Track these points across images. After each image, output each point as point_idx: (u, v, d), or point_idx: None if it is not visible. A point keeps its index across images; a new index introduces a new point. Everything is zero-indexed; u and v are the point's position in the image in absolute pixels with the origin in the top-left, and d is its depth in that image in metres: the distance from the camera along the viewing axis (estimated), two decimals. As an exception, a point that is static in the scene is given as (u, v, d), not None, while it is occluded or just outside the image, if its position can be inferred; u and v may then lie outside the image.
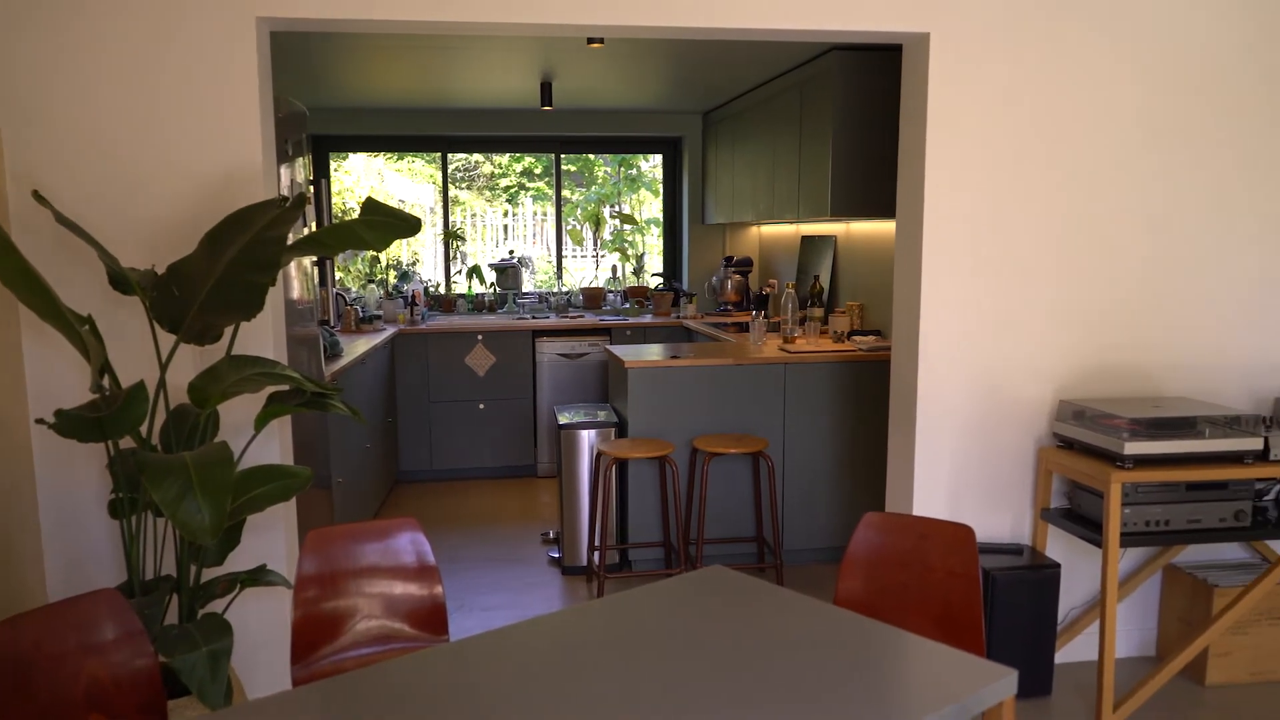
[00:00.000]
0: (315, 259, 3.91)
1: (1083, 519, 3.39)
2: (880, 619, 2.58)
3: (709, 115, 7.10)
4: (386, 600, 2.48)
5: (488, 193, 8.00)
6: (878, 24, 3.26)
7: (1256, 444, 3.16)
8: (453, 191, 7.57)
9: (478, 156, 7.90)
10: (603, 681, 1.77)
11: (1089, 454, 3.30)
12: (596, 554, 4.53)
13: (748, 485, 4.67)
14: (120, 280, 2.57)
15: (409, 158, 7.82)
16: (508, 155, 7.97)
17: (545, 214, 7.89)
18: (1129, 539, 3.18)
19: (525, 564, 4.87)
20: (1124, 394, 3.61)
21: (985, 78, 3.37)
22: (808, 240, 6.30)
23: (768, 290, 6.56)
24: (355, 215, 2.50)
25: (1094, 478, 3.19)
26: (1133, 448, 3.10)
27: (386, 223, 2.56)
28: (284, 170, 3.40)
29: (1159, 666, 3.33)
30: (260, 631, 3.21)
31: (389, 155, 7.71)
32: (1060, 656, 3.70)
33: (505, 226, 7.99)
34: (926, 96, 3.35)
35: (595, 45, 4.56)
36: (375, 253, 7.13)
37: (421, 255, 7.60)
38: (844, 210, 4.74)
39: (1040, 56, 3.39)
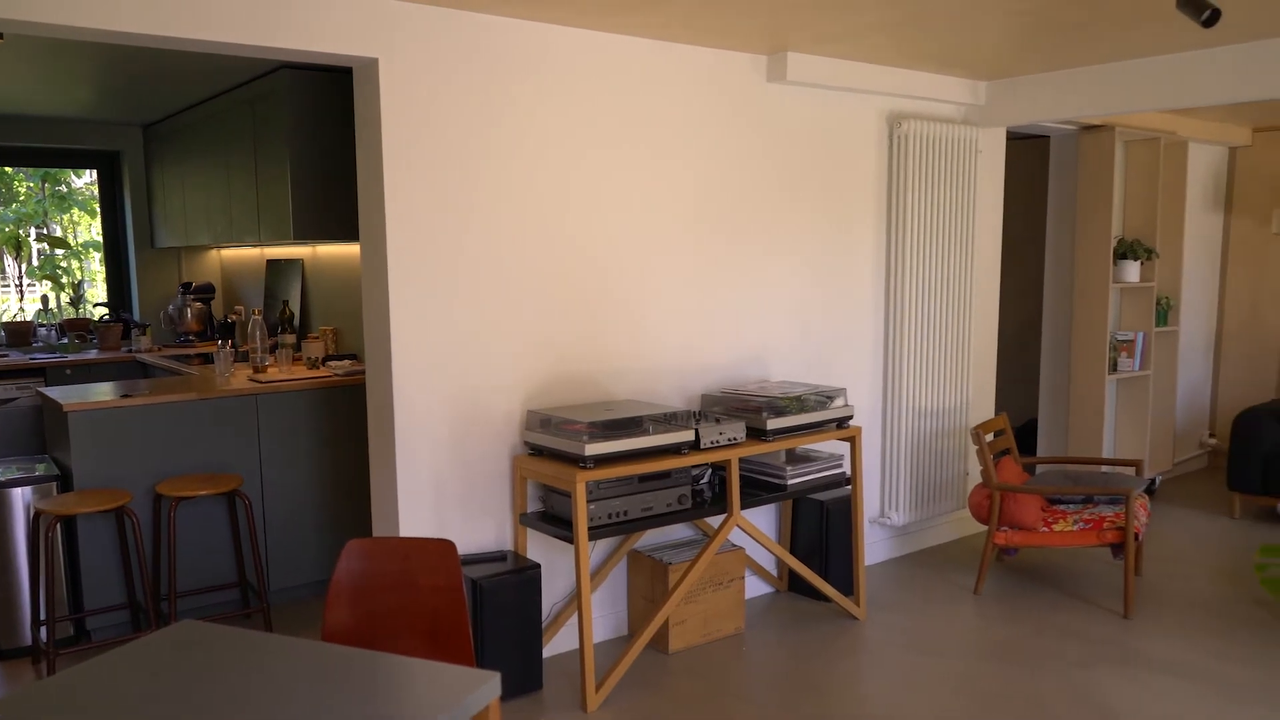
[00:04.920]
0: None
1: (556, 519, 3.64)
2: (371, 646, 2.53)
3: (151, 129, 6.50)
4: None
5: None
6: (322, 45, 3.20)
7: (690, 436, 3.63)
8: None
9: None
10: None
11: (556, 458, 3.55)
12: (44, 629, 3.91)
13: (224, 528, 4.34)
14: None
15: None
16: (-110, 167, 6.60)
17: (-51, 238, 6.66)
18: (596, 532, 3.47)
19: (-55, 657, 4.05)
20: (582, 400, 3.94)
21: (441, 107, 3.48)
22: (274, 264, 6.04)
23: (234, 318, 6.17)
24: None
25: (561, 479, 3.44)
26: (592, 448, 3.40)
27: None
28: None
29: (630, 643, 3.68)
30: None
31: None
32: (548, 650, 3.93)
33: (-107, 253, 6.60)
34: (380, 121, 3.37)
35: (-1, 43, 3.94)
36: None
37: None
38: (308, 233, 4.61)
39: (496, 88, 3.58)
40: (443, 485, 3.63)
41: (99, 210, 6.86)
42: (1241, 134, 6.65)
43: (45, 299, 6.67)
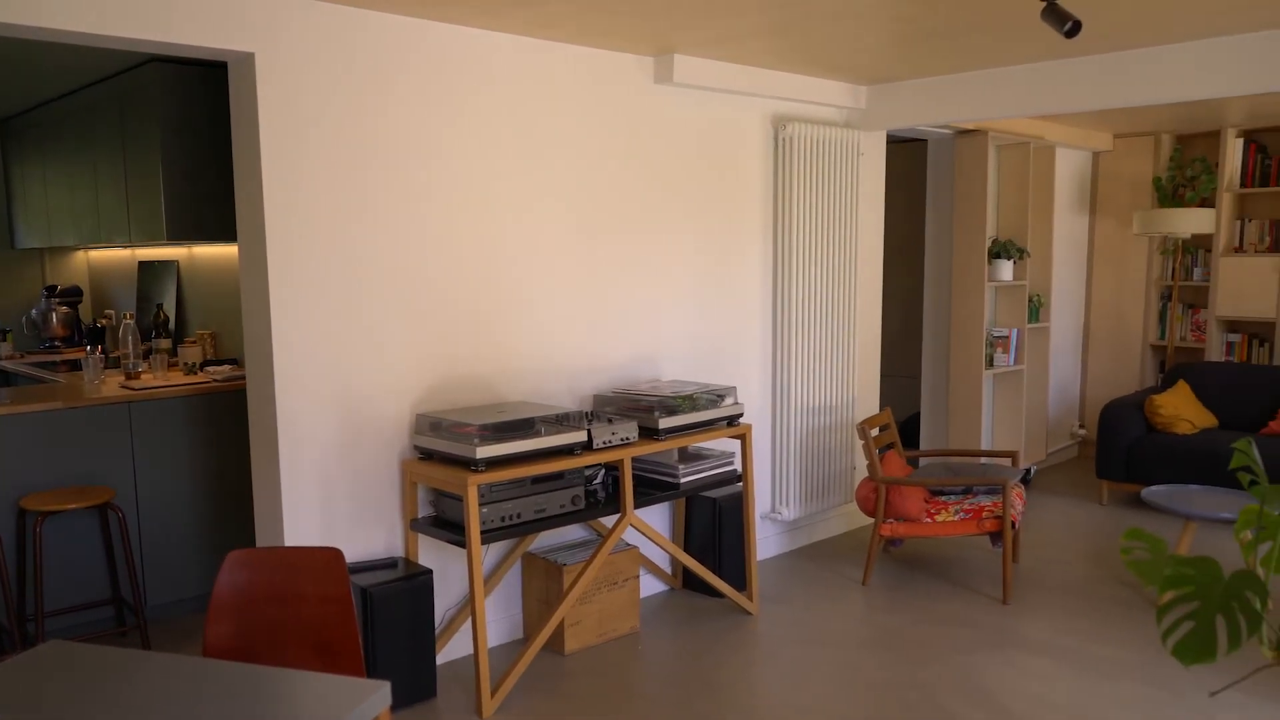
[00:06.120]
0: None
1: (448, 523, 3.58)
2: (257, 660, 2.45)
3: (9, 123, 6.16)
4: None
5: None
6: (194, 38, 3.07)
7: (582, 436, 3.62)
8: None
9: None
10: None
11: (447, 462, 3.50)
12: (-107, 658, 3.66)
13: (96, 543, 4.14)
14: None
15: None
16: None
17: None
18: (488, 535, 3.43)
19: None
20: (473, 403, 3.89)
21: (321, 103, 3.38)
22: (146, 266, 5.79)
23: (104, 322, 5.89)
24: None
25: (452, 483, 3.39)
26: (483, 451, 3.36)
27: None
28: None
29: (526, 646, 3.65)
30: None
31: None
32: (442, 657, 3.87)
33: None
34: (258, 118, 3.26)
35: None
36: None
37: None
38: (183, 233, 4.43)
39: (379, 86, 3.50)
40: (330, 492, 3.54)
41: (-47, 210, 6.47)
42: (1103, 140, 6.99)
43: (-107, 304, 6.26)
